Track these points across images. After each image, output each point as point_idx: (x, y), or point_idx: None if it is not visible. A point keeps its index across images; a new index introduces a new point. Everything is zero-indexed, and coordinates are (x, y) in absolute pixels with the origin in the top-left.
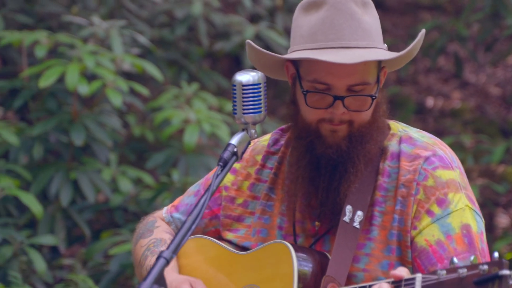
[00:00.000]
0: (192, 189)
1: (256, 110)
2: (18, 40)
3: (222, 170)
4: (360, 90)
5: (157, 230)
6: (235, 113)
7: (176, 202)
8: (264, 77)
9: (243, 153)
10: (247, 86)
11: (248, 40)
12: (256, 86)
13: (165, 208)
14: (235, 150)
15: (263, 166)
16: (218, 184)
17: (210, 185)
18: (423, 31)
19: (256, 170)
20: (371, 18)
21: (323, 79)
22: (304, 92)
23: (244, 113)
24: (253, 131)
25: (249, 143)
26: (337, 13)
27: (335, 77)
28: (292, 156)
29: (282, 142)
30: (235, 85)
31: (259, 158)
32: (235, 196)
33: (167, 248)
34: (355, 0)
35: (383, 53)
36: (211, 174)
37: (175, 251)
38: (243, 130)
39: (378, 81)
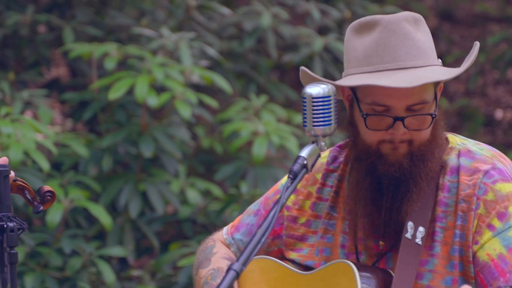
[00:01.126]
0: (251, 208)
1: (326, 123)
2: (88, 52)
3: (292, 183)
4: (419, 109)
5: (215, 258)
6: (305, 126)
7: (236, 222)
8: (334, 89)
9: (313, 165)
10: (317, 98)
11: (303, 67)
12: (326, 99)
13: (225, 229)
14: (305, 162)
15: (323, 184)
16: (288, 196)
17: (279, 198)
18: (477, 44)
19: (317, 189)
20: (424, 35)
21: (382, 101)
22: (364, 116)
23: (314, 126)
24: (323, 143)
25: (319, 156)
26: (391, 34)
27: (394, 99)
28: (353, 177)
29: (341, 159)
30: (305, 98)
31: (319, 176)
32: (297, 215)
33: (237, 260)
34: (407, 18)
35: (441, 72)
36: (270, 192)
37: (245, 264)
38: (313, 142)
39: (435, 98)
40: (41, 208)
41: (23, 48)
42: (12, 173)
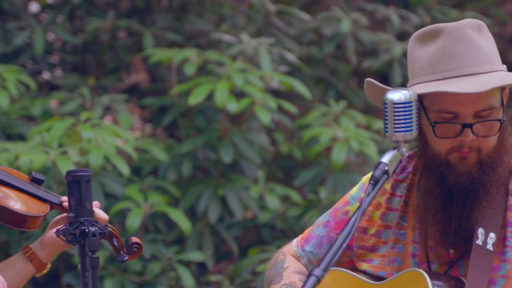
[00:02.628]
0: (321, 220)
1: (408, 129)
2: (167, 58)
3: (373, 189)
4: (487, 115)
5: (286, 273)
6: (386, 132)
7: (305, 234)
8: (416, 95)
9: (394, 171)
10: (399, 104)
11: (368, 79)
12: (407, 105)
13: (294, 241)
14: (386, 168)
15: (392, 194)
16: (369, 202)
17: (361, 203)
18: None
19: (386, 199)
20: (488, 42)
21: (450, 109)
22: (432, 124)
23: (395, 132)
24: (404, 149)
25: (400, 162)
26: (456, 41)
27: (462, 106)
28: (422, 186)
29: (409, 168)
30: (386, 104)
31: (387, 186)
32: (367, 226)
33: (318, 266)
34: (471, 25)
35: (508, 77)
36: (339, 204)
37: (326, 270)
38: (394, 148)
39: (502, 103)
40: (126, 258)
41: (103, 53)
42: (106, 216)
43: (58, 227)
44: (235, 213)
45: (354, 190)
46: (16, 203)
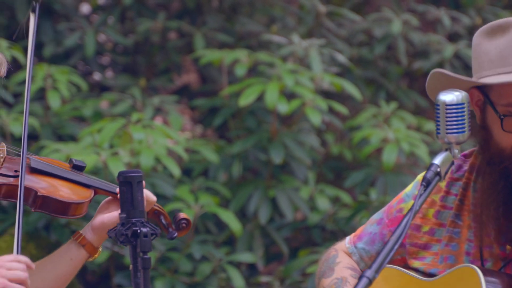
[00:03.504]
0: (374, 218)
1: (460, 130)
2: (218, 59)
3: (425, 190)
4: None
5: (338, 268)
6: (438, 133)
7: (358, 231)
8: (468, 96)
9: (446, 173)
10: (451, 105)
11: (438, 69)
12: (459, 106)
13: (347, 239)
14: (438, 170)
15: (447, 192)
16: (421, 204)
17: (413, 205)
18: None
19: (441, 197)
20: None
21: None
22: (502, 117)
23: (447, 133)
24: (456, 151)
25: (452, 163)
26: None
27: None
28: (484, 181)
29: (466, 167)
30: (438, 105)
31: (443, 185)
32: (421, 224)
33: (370, 268)
34: None
35: None
36: (394, 201)
37: (378, 271)
38: (446, 150)
39: None
40: (175, 234)
41: (154, 54)
42: (154, 198)
43: (110, 229)
44: (285, 214)
45: (408, 188)
46: (60, 191)
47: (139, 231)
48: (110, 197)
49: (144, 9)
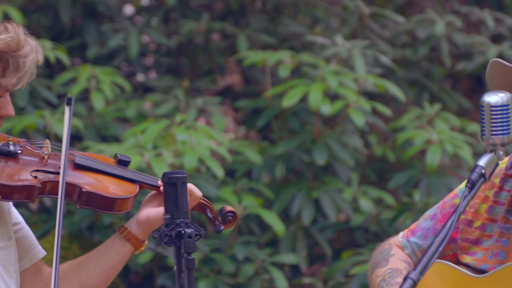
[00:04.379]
0: (428, 213)
1: (505, 132)
2: (261, 60)
3: (469, 192)
4: None
5: (392, 259)
6: (483, 135)
7: (412, 226)
8: None
9: (490, 174)
10: (496, 107)
11: (497, 59)
12: (504, 107)
13: (401, 233)
14: (483, 171)
15: (501, 188)
16: (465, 205)
17: (457, 206)
18: None
19: (494, 193)
20: None
21: None
22: None
23: (492, 135)
24: (501, 152)
25: (497, 165)
26: None
27: None
28: None
29: None
30: (483, 106)
31: (497, 180)
32: (472, 219)
33: (414, 269)
34: None
35: None
36: (448, 197)
37: (422, 273)
38: (491, 151)
39: None
40: (222, 227)
41: (197, 55)
42: (199, 193)
43: (155, 230)
44: (329, 215)
45: (463, 184)
46: (105, 187)
47: (183, 232)
48: (155, 191)
49: (188, 10)
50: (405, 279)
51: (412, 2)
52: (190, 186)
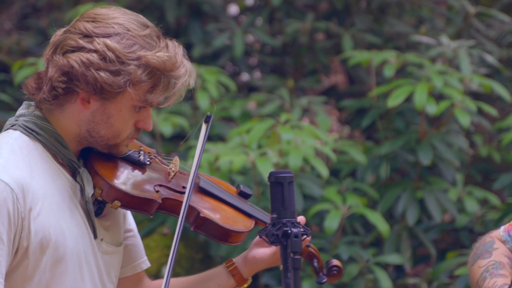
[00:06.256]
0: None
1: None
2: (366, 60)
3: None
4: None
5: (495, 252)
6: None
7: None
8: None
9: None
10: None
11: None
12: None
13: (502, 227)
14: None
15: None
16: None
17: None
18: None
19: None
20: None
21: None
22: None
23: None
24: None
25: None
26: None
27: None
28: None
29: None
30: None
31: None
32: None
33: None
34: None
35: None
36: None
37: None
38: None
39: None
40: (325, 280)
41: (302, 55)
42: (308, 238)
43: (261, 229)
44: (433, 215)
45: None
46: (222, 216)
47: (289, 231)
48: None
49: (292, 10)
50: None
51: None
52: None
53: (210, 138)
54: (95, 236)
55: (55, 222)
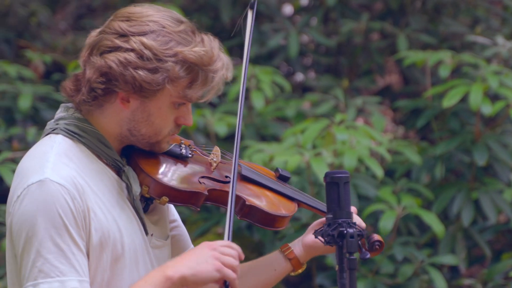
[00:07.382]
0: None
1: None
2: (421, 60)
3: None
4: None
5: None
6: None
7: None
8: None
9: None
10: None
11: None
12: None
13: None
14: None
15: None
16: None
17: None
18: None
19: None
20: None
21: None
22: None
23: None
24: None
25: None
26: None
27: None
28: None
29: None
30: None
31: None
32: None
33: None
34: None
35: None
36: None
37: None
38: None
39: None
40: (368, 255)
41: (356, 55)
42: (363, 224)
43: (317, 229)
44: (488, 216)
45: None
46: (266, 203)
47: (345, 231)
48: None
49: (347, 10)
50: None
51: None
52: (354, 216)
53: (264, 138)
54: (146, 232)
55: (111, 219)
